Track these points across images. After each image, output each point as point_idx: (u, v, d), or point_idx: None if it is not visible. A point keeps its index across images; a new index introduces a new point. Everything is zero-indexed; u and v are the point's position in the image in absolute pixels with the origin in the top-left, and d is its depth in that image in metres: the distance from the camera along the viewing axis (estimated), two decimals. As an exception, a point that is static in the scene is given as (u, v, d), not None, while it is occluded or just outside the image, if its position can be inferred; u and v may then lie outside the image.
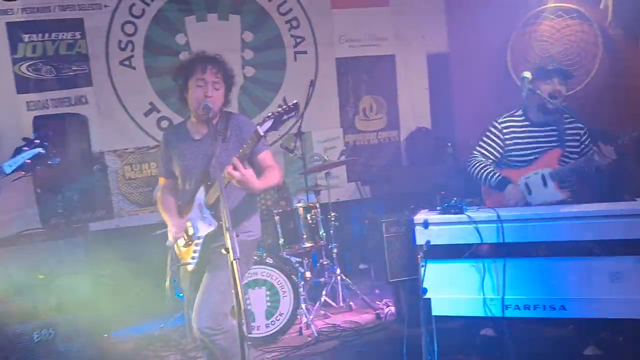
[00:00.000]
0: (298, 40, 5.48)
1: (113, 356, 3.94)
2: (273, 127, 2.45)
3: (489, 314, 2.98)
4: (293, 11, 5.43)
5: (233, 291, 2.10)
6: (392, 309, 4.43)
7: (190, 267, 2.78)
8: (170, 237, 2.81)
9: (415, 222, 3.05)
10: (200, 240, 2.74)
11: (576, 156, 3.37)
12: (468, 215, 2.97)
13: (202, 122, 2.74)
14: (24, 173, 2.32)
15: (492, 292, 2.98)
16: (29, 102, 4.82)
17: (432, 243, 3.00)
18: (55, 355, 3.52)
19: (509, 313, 2.95)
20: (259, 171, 2.72)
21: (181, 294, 4.16)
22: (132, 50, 5.07)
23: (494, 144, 3.55)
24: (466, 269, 3.03)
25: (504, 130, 3.51)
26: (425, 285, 3.00)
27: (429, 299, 3.04)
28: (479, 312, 3.01)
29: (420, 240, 3.04)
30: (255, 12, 5.34)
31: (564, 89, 3.39)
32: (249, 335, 2.16)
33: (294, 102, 2.48)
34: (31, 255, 3.62)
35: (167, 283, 2.80)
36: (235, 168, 2.46)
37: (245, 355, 2.15)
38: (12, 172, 2.28)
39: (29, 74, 4.83)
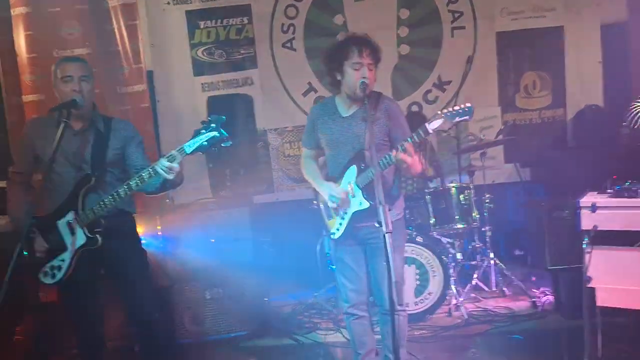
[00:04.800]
0: (456, 15, 5.29)
1: (272, 318, 4.27)
2: (443, 126, 2.50)
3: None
4: (452, -15, 5.26)
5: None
6: (550, 297, 4.16)
7: (333, 237, 2.89)
8: (333, 200, 2.80)
9: (581, 205, 2.82)
10: (348, 215, 2.82)
11: None
12: (645, 200, 2.67)
13: (354, 100, 2.81)
14: (201, 153, 2.64)
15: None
16: (203, 84, 5.39)
17: (599, 228, 2.76)
18: (224, 313, 3.93)
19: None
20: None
21: (333, 266, 4.37)
22: (294, 33, 5.34)
23: None
24: (639, 258, 2.73)
25: None
26: (590, 273, 2.78)
27: (593, 288, 2.80)
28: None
29: (587, 225, 2.81)
30: (413, -12, 5.27)
31: None
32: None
33: (468, 105, 2.48)
34: (204, 220, 4.07)
35: (318, 248, 2.92)
36: (407, 153, 2.54)
37: (395, 325, 2.23)
38: (192, 152, 2.60)
39: (204, 58, 5.39)
